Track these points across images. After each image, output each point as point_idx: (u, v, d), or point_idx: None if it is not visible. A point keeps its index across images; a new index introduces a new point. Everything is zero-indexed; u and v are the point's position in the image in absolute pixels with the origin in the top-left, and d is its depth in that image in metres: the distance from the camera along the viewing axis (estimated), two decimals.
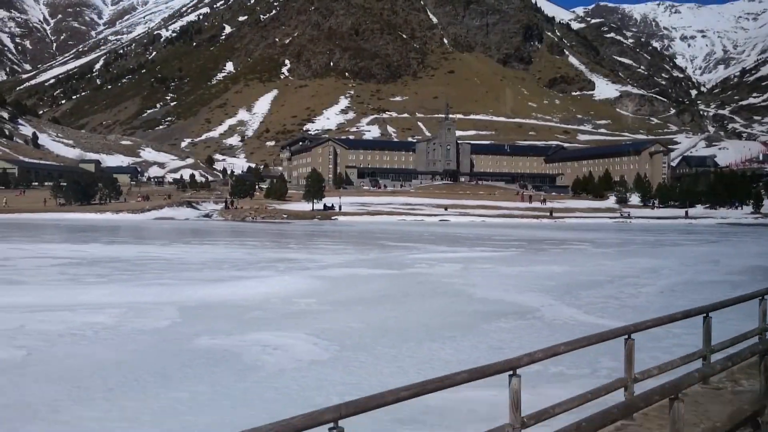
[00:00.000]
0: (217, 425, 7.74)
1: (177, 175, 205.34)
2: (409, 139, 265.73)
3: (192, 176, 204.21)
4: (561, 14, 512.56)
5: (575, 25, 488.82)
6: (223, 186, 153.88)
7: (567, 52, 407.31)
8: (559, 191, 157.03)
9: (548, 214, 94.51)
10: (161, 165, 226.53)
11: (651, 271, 26.47)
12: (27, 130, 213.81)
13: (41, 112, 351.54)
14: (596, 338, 6.04)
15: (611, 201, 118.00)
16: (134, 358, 11.00)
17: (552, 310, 16.34)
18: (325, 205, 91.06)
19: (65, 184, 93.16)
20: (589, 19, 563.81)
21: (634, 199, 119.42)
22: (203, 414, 8.21)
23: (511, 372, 4.77)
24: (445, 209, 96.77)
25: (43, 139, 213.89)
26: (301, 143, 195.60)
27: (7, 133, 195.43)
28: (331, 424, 3.33)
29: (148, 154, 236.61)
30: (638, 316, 10.42)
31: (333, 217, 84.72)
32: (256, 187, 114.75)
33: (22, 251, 30.81)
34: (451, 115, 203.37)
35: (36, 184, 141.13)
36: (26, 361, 10.62)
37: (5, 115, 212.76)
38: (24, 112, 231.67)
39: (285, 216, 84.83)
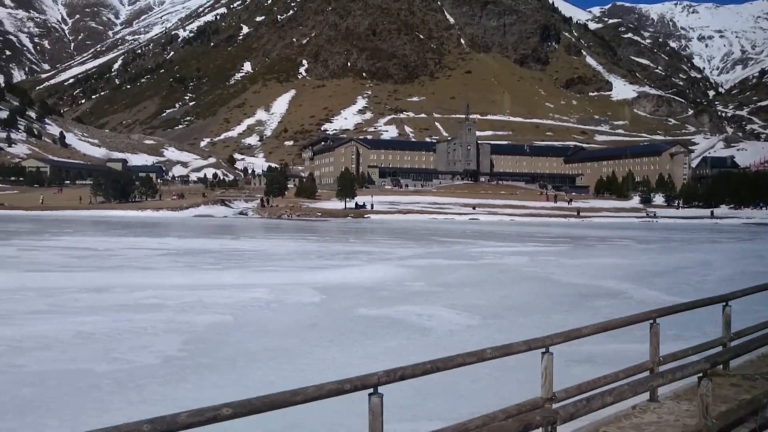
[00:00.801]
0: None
1: (200, 174, 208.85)
2: (427, 139, 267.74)
3: (215, 175, 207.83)
4: (578, 14, 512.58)
5: (592, 26, 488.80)
6: (246, 185, 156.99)
7: (584, 53, 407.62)
8: (579, 191, 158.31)
9: (575, 213, 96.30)
10: (184, 164, 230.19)
11: (704, 263, 28.46)
12: (54, 129, 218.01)
13: (62, 111, 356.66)
14: (623, 322, 6.31)
15: (635, 201, 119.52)
16: (320, 322, 13.26)
17: (638, 293, 18.42)
18: (356, 204, 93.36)
19: (103, 182, 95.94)
20: (606, 19, 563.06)
21: (658, 199, 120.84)
22: (421, 356, 10.41)
23: (544, 349, 5.26)
24: (473, 208, 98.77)
25: (69, 138, 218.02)
26: (323, 143, 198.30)
27: (36, 132, 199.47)
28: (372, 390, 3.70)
29: (171, 153, 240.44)
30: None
31: (366, 216, 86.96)
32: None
33: (116, 243, 33.30)
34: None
35: (68, 182, 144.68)
36: (238, 323, 12.89)
37: (32, 114, 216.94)
38: (50, 112, 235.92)
39: (319, 214, 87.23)
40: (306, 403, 3.36)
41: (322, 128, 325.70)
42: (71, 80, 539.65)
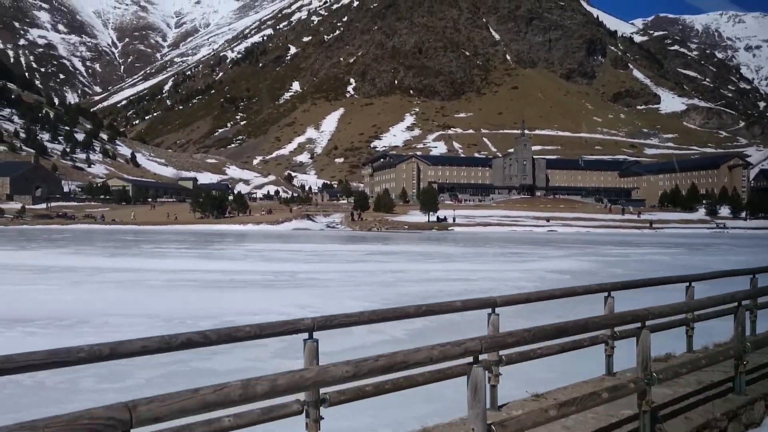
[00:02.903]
0: None
1: (263, 191, 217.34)
2: (476, 154, 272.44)
3: (277, 192, 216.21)
4: (623, 27, 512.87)
5: (638, 38, 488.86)
6: (305, 201, 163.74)
7: (631, 66, 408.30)
8: (635, 205, 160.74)
9: (648, 225, 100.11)
10: (246, 182, 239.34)
11: None
12: (124, 150, 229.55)
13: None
14: (582, 290, 6.68)
15: (701, 213, 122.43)
16: None
17: None
18: (438, 217, 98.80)
19: (202, 199, 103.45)
20: (651, 31, 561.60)
21: (723, 211, 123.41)
22: None
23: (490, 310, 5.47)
24: (547, 221, 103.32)
25: (138, 158, 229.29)
26: (382, 160, 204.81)
27: (111, 153, 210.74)
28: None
29: (233, 171, 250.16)
30: None
31: (449, 228, 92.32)
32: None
33: (295, 248, 39.45)
34: (526, 131, 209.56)
35: (150, 200, 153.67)
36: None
37: (104, 136, 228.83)
38: (120, 134, 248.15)
39: (406, 227, 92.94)
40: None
41: (372, 145, 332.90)
42: (124, 102, 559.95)
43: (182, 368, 9.02)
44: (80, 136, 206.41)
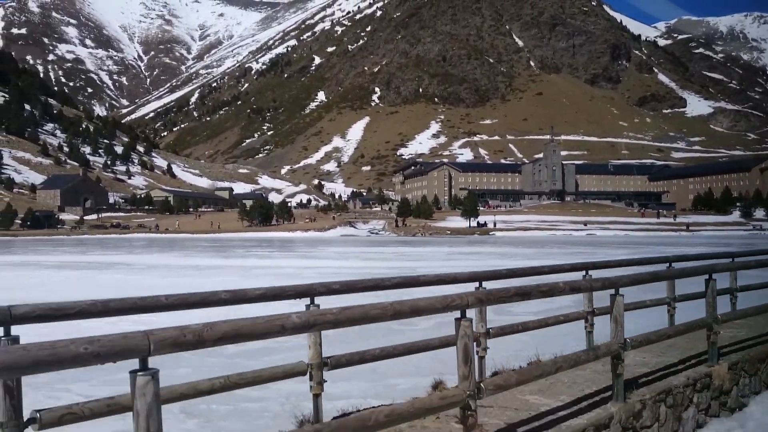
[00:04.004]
0: None
1: (296, 200, 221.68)
2: (502, 160, 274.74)
3: (309, 201, 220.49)
4: (646, 32, 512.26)
5: (662, 42, 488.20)
6: (342, 209, 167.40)
7: (656, 70, 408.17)
8: (665, 208, 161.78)
9: (685, 227, 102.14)
10: (278, 191, 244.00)
11: None
12: (159, 161, 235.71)
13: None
14: (569, 267, 7.10)
15: (736, 215, 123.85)
16: None
17: None
18: (478, 222, 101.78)
19: (250, 208, 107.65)
20: (675, 35, 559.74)
21: (758, 213, 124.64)
22: None
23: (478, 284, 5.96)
24: (584, 224, 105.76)
25: (174, 169, 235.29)
26: (413, 167, 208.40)
27: (149, 165, 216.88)
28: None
29: (265, 181, 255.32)
30: None
31: (490, 233, 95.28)
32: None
33: (378, 253, 42.87)
34: (555, 138, 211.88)
35: (191, 209, 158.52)
36: None
37: (141, 148, 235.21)
38: (155, 146, 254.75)
39: (449, 232, 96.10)
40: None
41: (398, 153, 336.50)
42: (151, 114, 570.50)
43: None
44: (119, 149, 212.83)
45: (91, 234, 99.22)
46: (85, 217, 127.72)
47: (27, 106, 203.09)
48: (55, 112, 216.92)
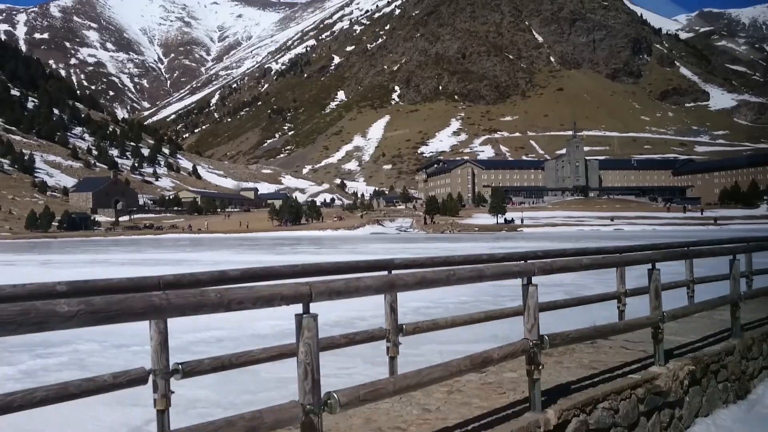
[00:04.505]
0: None
1: (319, 199, 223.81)
2: (523, 157, 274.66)
3: (332, 200, 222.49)
4: (667, 25, 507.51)
5: (683, 35, 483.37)
6: (368, 208, 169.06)
7: (677, 63, 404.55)
8: (690, 203, 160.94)
9: (713, 221, 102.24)
10: (302, 190, 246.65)
11: None
12: (185, 163, 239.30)
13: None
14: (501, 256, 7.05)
15: (763, 208, 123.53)
16: None
17: None
18: (505, 219, 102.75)
19: (280, 208, 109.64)
20: (696, 27, 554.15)
21: None
22: None
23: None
24: (611, 220, 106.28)
25: (199, 171, 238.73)
26: (436, 165, 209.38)
27: (175, 167, 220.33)
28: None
29: (288, 180, 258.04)
30: None
31: (518, 229, 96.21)
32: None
33: (423, 249, 44.23)
34: (578, 133, 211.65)
35: (219, 210, 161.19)
36: None
37: (166, 150, 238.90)
38: (179, 148, 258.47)
39: (476, 229, 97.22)
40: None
41: (419, 151, 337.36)
42: (172, 116, 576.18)
43: None
44: (145, 151, 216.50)
45: (126, 235, 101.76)
46: (118, 219, 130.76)
47: (56, 111, 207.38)
48: (82, 116, 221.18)
